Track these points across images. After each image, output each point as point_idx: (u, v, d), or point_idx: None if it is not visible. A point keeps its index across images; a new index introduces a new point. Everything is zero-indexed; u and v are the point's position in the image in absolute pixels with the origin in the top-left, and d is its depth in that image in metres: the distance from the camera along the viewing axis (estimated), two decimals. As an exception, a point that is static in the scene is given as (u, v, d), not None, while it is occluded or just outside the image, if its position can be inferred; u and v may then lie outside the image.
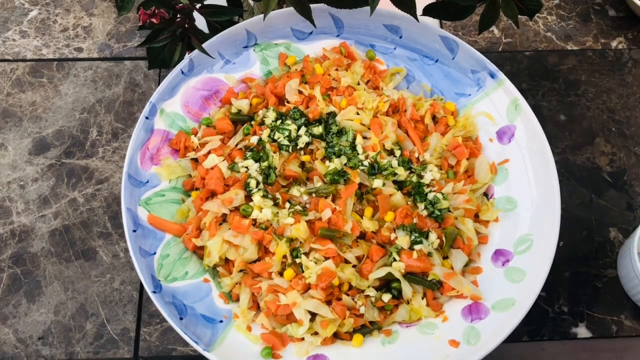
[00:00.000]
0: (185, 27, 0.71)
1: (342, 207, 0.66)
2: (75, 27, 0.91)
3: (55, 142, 0.82)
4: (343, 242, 0.65)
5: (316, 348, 0.62)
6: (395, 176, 0.69)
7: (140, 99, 0.85)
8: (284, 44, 0.78)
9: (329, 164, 0.68)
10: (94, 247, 0.75)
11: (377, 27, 0.77)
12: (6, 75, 0.87)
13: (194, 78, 0.74)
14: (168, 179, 0.69)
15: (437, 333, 0.62)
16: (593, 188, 0.80)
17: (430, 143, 0.72)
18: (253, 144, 0.70)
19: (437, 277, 0.64)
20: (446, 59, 0.76)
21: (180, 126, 0.72)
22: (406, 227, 0.65)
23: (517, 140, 0.71)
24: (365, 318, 0.63)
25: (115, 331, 0.70)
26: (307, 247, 0.64)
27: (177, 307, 0.62)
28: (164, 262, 0.64)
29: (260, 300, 0.64)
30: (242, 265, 0.64)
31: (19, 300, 0.71)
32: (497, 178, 0.71)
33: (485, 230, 0.68)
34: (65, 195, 0.78)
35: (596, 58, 0.90)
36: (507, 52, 0.91)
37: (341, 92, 0.74)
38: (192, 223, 0.67)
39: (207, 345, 0.60)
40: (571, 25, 0.94)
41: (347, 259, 0.64)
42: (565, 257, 0.75)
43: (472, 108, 0.75)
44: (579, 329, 0.72)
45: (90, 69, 0.87)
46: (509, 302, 0.62)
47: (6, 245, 0.75)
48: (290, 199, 0.67)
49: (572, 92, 0.87)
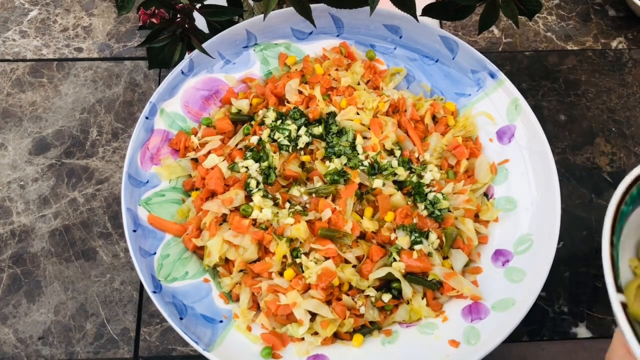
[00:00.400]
0: (185, 27, 0.71)
1: (342, 207, 0.66)
2: (75, 27, 0.91)
3: (55, 142, 0.82)
4: (343, 242, 0.65)
5: (316, 348, 0.62)
6: (395, 176, 0.69)
7: (140, 99, 0.85)
8: (284, 44, 0.78)
9: (329, 164, 0.68)
10: (94, 247, 0.75)
11: (377, 27, 0.77)
12: (6, 75, 0.87)
13: (194, 78, 0.74)
14: (168, 179, 0.69)
15: (437, 333, 0.62)
16: (593, 188, 0.80)
17: (430, 143, 0.72)
18: (253, 144, 0.70)
19: (437, 277, 0.64)
20: (446, 59, 0.76)
21: (180, 126, 0.72)
22: (406, 227, 0.65)
23: (517, 140, 0.71)
24: (365, 318, 0.63)
25: (115, 331, 0.70)
26: (307, 247, 0.64)
27: (177, 307, 0.62)
28: (164, 262, 0.64)
29: (260, 300, 0.64)
30: (242, 265, 0.64)
31: (19, 300, 0.71)
32: (497, 178, 0.71)
33: (485, 230, 0.68)
34: (65, 195, 0.78)
35: (596, 58, 0.90)
36: (507, 52, 0.91)
37: (341, 92, 0.74)
38: (192, 223, 0.67)
39: (207, 345, 0.60)
40: (571, 25, 0.94)
41: (347, 259, 0.64)
42: (565, 257, 0.75)
43: (472, 108, 0.75)
44: (579, 329, 0.72)
45: (90, 69, 0.87)
46: (509, 302, 0.62)
47: (6, 245, 0.75)
48: (290, 199, 0.67)
49: (572, 92, 0.87)
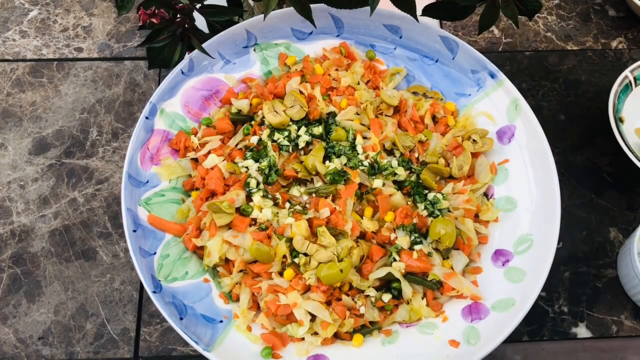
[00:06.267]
0: (185, 27, 0.71)
1: (342, 207, 0.66)
2: (75, 27, 0.91)
3: (55, 142, 0.82)
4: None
5: (316, 348, 0.62)
6: (395, 176, 0.69)
7: (140, 99, 0.85)
8: (284, 44, 0.78)
9: (329, 164, 0.68)
10: (94, 247, 0.75)
11: (377, 27, 0.77)
12: (6, 75, 0.87)
13: (194, 78, 0.74)
14: (168, 179, 0.69)
15: (437, 333, 0.62)
16: (593, 188, 0.80)
17: (430, 143, 0.72)
18: (253, 144, 0.70)
19: (437, 277, 0.64)
20: (446, 59, 0.76)
21: (180, 126, 0.72)
22: (406, 227, 0.65)
23: (517, 140, 0.71)
24: (365, 318, 0.63)
25: (115, 331, 0.70)
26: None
27: (177, 307, 0.62)
28: (164, 262, 0.64)
29: (260, 300, 0.64)
30: (242, 265, 0.64)
31: (19, 300, 0.71)
32: (497, 178, 0.71)
33: (485, 230, 0.68)
34: (65, 195, 0.78)
35: (596, 58, 0.91)
36: (507, 52, 0.91)
37: (341, 92, 0.74)
38: (192, 223, 0.67)
39: (207, 345, 0.60)
40: (571, 25, 0.94)
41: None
42: (565, 257, 0.75)
43: (472, 108, 0.75)
44: (579, 329, 0.72)
45: (90, 69, 0.87)
46: (509, 302, 0.62)
47: (6, 245, 0.75)
48: (290, 199, 0.67)
49: (572, 92, 0.87)
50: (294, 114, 0.70)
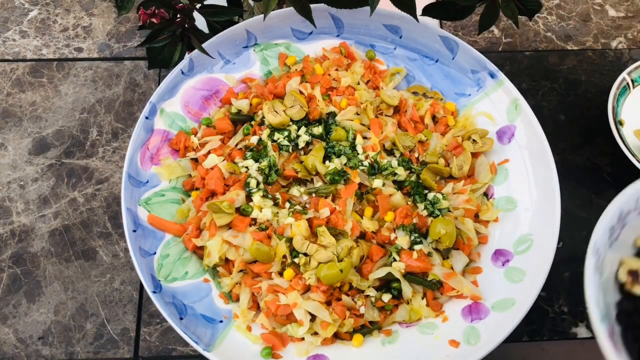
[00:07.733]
0: (185, 27, 0.71)
1: (342, 207, 0.66)
2: (75, 27, 0.91)
3: (55, 142, 0.82)
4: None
5: (316, 348, 0.62)
6: (395, 176, 0.69)
7: (140, 99, 0.85)
8: (284, 44, 0.78)
9: (329, 164, 0.68)
10: (94, 247, 0.75)
11: (377, 27, 0.77)
12: (6, 75, 0.87)
13: (194, 78, 0.74)
14: (168, 179, 0.69)
15: (437, 333, 0.62)
16: (593, 188, 0.80)
17: (431, 143, 0.72)
18: (253, 144, 0.70)
19: (437, 277, 0.64)
20: (446, 59, 0.76)
21: (180, 126, 0.72)
22: (406, 227, 0.65)
23: (517, 140, 0.71)
24: (365, 318, 0.63)
25: (115, 331, 0.70)
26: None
27: (177, 307, 0.62)
28: (164, 262, 0.64)
29: (260, 300, 0.64)
30: (242, 265, 0.64)
31: (19, 300, 0.71)
32: (497, 178, 0.71)
33: (485, 230, 0.68)
34: (65, 195, 0.78)
35: (596, 58, 0.90)
36: (507, 52, 0.91)
37: (341, 92, 0.74)
38: (192, 223, 0.67)
39: (207, 345, 0.60)
40: (571, 25, 0.94)
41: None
42: (565, 257, 0.75)
43: (472, 108, 0.75)
44: (579, 329, 0.72)
45: (90, 69, 0.87)
46: (509, 302, 0.62)
47: (6, 245, 0.75)
48: (290, 199, 0.68)
49: (572, 92, 0.87)
50: (294, 114, 0.70)
